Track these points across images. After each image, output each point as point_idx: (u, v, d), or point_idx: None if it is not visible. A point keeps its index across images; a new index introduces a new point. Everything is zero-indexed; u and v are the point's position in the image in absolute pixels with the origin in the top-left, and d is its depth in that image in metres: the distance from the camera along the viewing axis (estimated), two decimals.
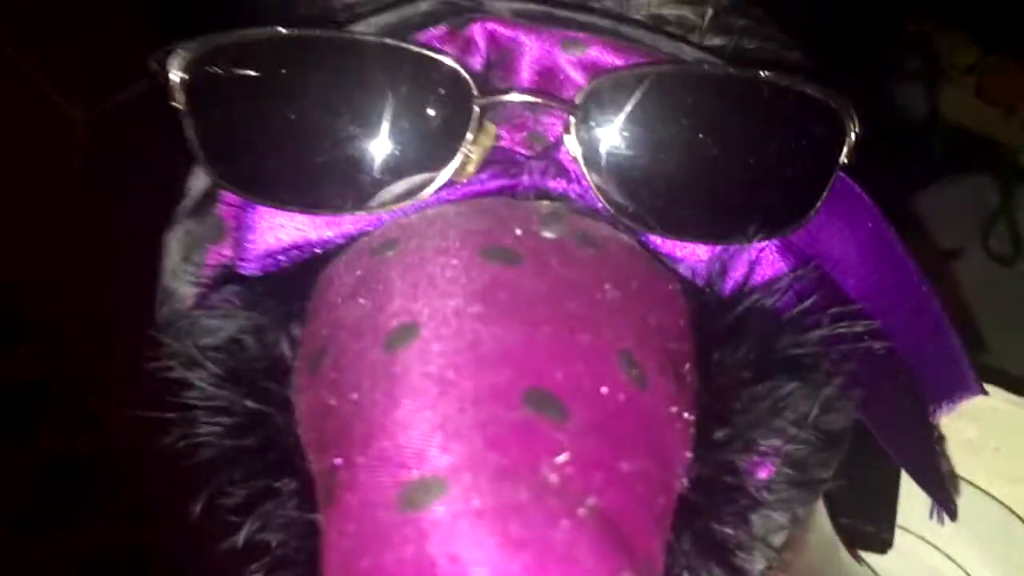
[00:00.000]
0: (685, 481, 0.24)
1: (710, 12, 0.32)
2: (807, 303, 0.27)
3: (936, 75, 1.11)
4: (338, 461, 0.21)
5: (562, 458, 0.19)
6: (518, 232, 0.24)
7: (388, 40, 0.28)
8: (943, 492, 0.32)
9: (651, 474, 0.21)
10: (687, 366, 0.25)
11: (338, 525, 0.20)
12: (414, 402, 0.20)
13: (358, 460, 0.20)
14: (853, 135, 0.29)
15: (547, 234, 0.25)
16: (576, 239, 0.25)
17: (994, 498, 0.55)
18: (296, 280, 0.28)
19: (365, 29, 0.29)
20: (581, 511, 0.19)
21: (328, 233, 0.28)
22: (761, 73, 0.28)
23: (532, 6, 0.29)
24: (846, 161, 0.29)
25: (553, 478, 0.19)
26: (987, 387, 0.57)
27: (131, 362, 0.28)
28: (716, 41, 0.32)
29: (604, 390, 0.21)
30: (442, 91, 0.28)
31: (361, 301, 0.24)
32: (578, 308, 0.22)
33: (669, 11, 0.32)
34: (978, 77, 1.10)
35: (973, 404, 0.56)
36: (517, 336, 0.21)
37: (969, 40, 1.11)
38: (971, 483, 0.54)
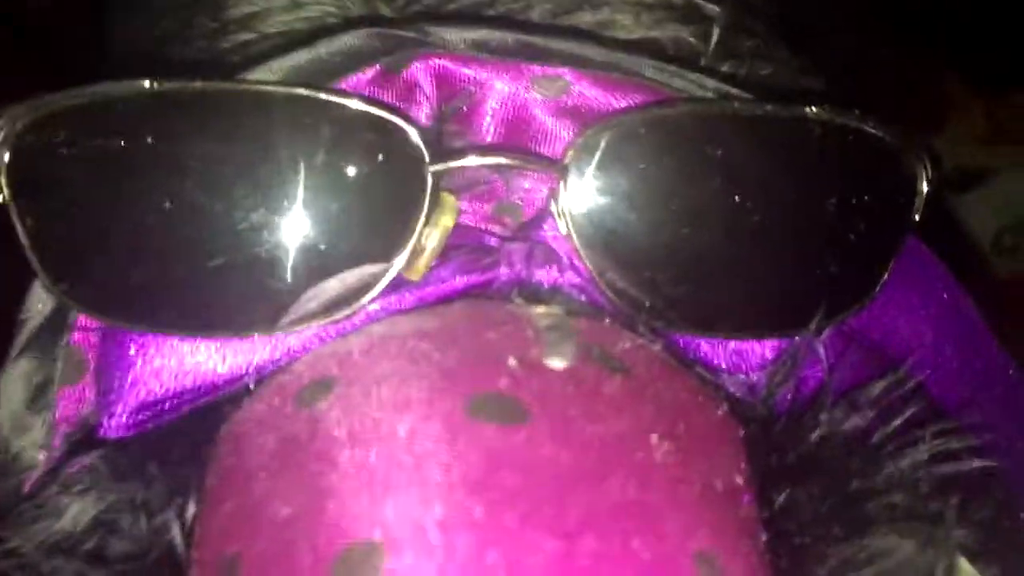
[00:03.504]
0: None
1: (716, 32, 0.25)
2: (900, 420, 0.20)
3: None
4: None
5: None
6: (513, 364, 0.16)
7: (300, 90, 0.20)
8: None
9: None
10: (760, 533, 0.17)
11: None
12: None
13: None
14: (926, 184, 0.22)
15: (555, 363, 0.17)
16: (596, 362, 0.17)
17: None
18: (188, 435, 0.20)
19: (267, 75, 0.21)
20: None
21: (229, 366, 0.20)
22: (809, 109, 0.21)
23: (496, 33, 0.21)
24: (917, 218, 0.22)
25: None
26: None
27: None
28: (726, 67, 0.25)
29: None
30: (381, 157, 0.20)
31: (285, 491, 0.16)
32: (626, 490, 0.14)
33: (664, 33, 0.25)
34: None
35: None
36: (546, 560, 0.13)
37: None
38: None
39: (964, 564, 0.20)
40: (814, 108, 0.21)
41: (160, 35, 0.27)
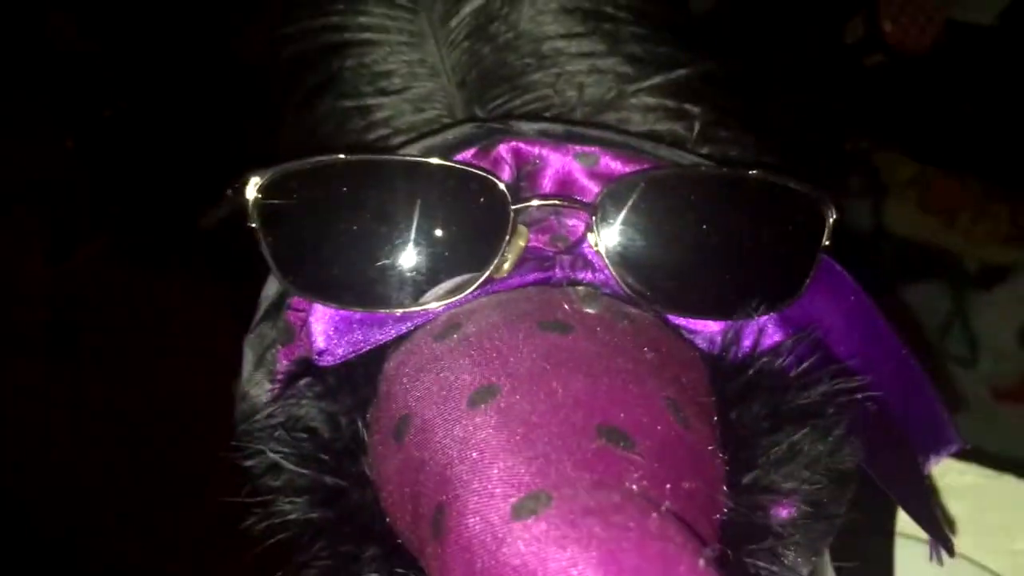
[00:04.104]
0: (724, 513, 0.27)
1: (697, 126, 0.37)
2: (808, 363, 0.31)
3: (879, 190, 1.18)
4: (444, 498, 0.24)
5: (637, 474, 0.23)
6: (565, 308, 0.29)
7: (434, 160, 0.32)
8: (940, 531, 0.36)
9: (704, 494, 0.25)
10: (714, 418, 0.29)
11: (457, 545, 0.23)
12: (509, 442, 0.24)
13: (465, 493, 0.23)
14: (831, 220, 0.34)
15: (589, 309, 0.29)
16: (613, 313, 0.29)
17: (985, 568, 0.58)
18: (362, 371, 0.32)
19: (413, 151, 0.34)
20: (662, 510, 0.23)
21: (387, 329, 0.32)
22: (750, 172, 0.33)
23: (554, 126, 0.34)
24: (828, 243, 0.34)
25: (635, 488, 0.23)
26: (965, 465, 0.62)
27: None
28: (705, 149, 0.37)
29: (659, 427, 0.25)
30: (482, 200, 0.32)
31: (436, 376, 0.28)
32: (626, 365, 0.26)
33: (662, 127, 0.37)
34: (919, 190, 1.17)
35: (955, 483, 0.60)
36: (582, 387, 0.25)
37: (906, 156, 1.19)
38: (964, 556, 0.58)
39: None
40: (753, 171, 0.33)
41: (323, 132, 0.40)
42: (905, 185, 1.17)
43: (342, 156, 0.32)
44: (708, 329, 0.33)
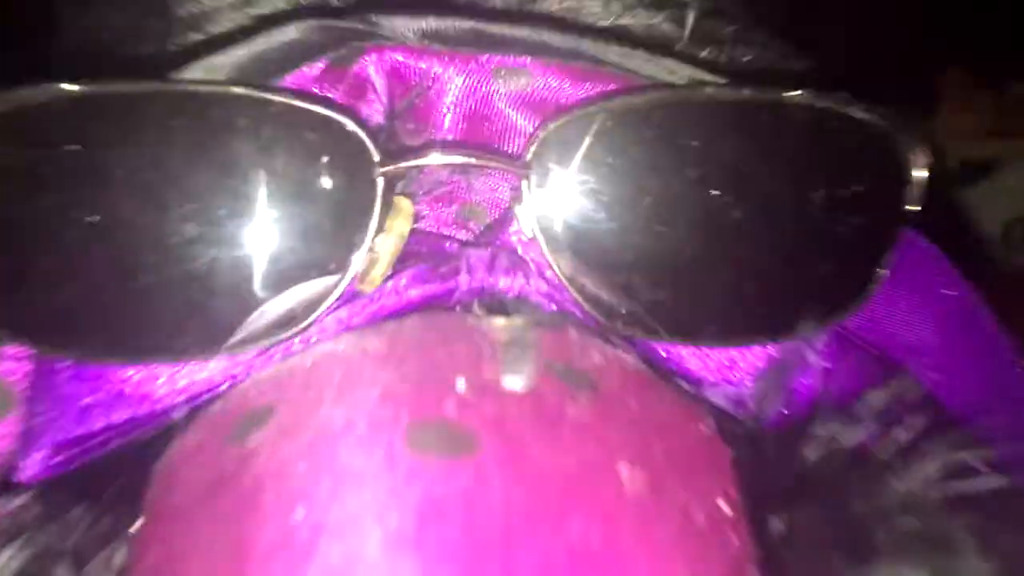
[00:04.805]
0: None
1: (691, 16, 0.23)
2: (912, 435, 0.18)
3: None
4: None
5: None
6: (464, 386, 0.15)
7: (234, 88, 0.18)
8: None
9: None
10: (753, 571, 0.16)
11: None
12: None
13: None
14: (922, 173, 0.20)
15: (511, 383, 0.15)
16: (559, 381, 0.15)
17: None
18: (121, 471, 0.18)
19: (205, 74, 0.19)
20: None
21: (164, 395, 0.18)
22: (788, 93, 0.19)
23: (451, 22, 0.20)
24: (918, 208, 0.20)
25: None
26: None
27: None
28: (703, 54, 0.23)
29: None
30: (326, 159, 0.18)
31: (218, 521, 0.14)
32: (589, 534, 0.13)
33: (635, 20, 0.23)
34: None
35: None
36: None
37: None
38: None
39: None
40: (793, 92, 0.19)
41: (110, 36, 0.25)
42: None
43: (67, 86, 0.18)
44: (726, 376, 0.19)
